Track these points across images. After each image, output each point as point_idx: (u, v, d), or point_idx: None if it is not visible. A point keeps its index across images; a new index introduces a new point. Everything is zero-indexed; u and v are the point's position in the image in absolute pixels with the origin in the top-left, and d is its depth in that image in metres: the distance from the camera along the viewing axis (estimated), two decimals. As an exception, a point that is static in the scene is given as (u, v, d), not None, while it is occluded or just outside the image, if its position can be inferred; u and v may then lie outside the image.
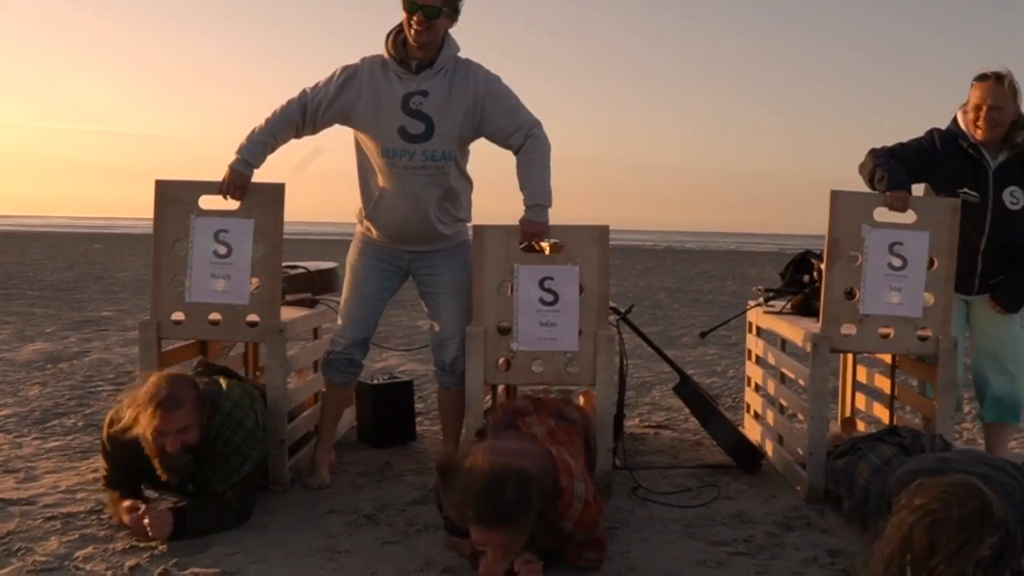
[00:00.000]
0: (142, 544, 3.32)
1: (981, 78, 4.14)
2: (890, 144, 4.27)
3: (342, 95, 4.00)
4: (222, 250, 3.99)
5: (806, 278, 4.72)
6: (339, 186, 4.24)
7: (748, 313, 5.20)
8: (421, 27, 3.84)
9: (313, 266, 5.04)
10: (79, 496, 3.88)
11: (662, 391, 6.48)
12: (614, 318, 4.50)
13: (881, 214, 3.97)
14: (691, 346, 9.13)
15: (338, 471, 4.32)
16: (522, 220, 4.02)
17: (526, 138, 4.01)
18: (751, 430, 5.09)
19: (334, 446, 4.46)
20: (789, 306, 4.74)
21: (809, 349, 3.96)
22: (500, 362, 4.05)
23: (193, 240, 3.98)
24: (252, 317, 4.02)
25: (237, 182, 3.97)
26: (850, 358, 4.97)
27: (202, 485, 3.53)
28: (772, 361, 4.75)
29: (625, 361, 4.58)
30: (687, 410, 4.99)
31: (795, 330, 4.24)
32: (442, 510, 3.19)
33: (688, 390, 4.76)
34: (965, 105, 4.22)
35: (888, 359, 4.56)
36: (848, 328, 3.99)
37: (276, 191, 4.04)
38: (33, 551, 3.28)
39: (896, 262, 3.92)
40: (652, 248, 43.67)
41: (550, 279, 4.00)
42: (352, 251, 4.24)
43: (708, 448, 4.86)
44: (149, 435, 3.34)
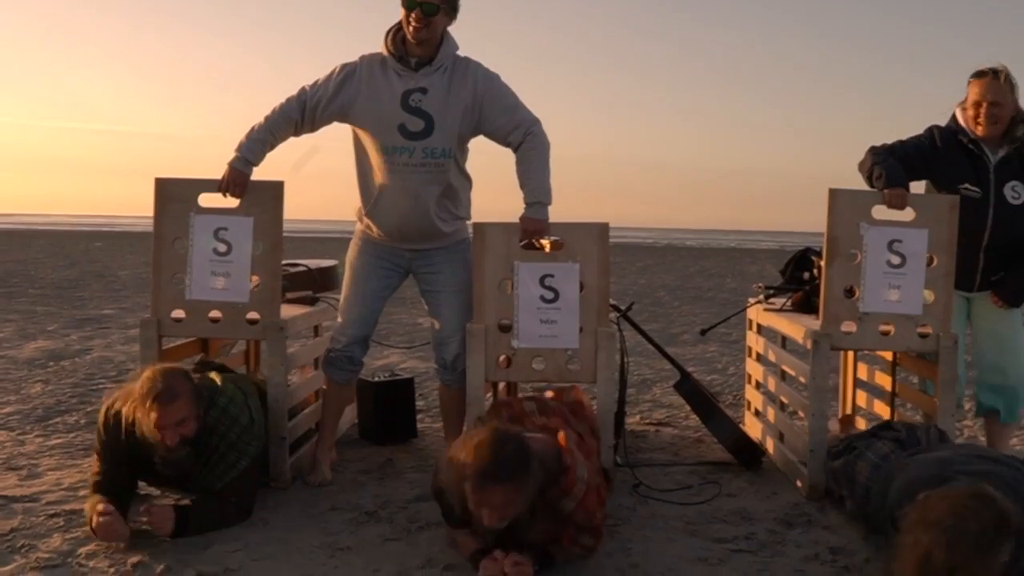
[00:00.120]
0: (141, 542, 3.32)
1: (979, 75, 4.15)
2: (890, 142, 4.27)
3: (341, 93, 4.00)
4: (222, 248, 3.99)
5: (806, 275, 4.72)
6: (339, 184, 4.24)
7: (748, 310, 5.20)
8: (419, 24, 3.85)
9: (313, 264, 5.05)
10: (81, 493, 3.87)
11: (663, 388, 6.49)
12: (614, 315, 4.50)
13: (880, 212, 3.97)
14: (691, 343, 9.14)
15: (339, 468, 4.33)
16: (522, 218, 4.03)
17: (525, 136, 4.02)
18: (752, 427, 5.10)
19: (335, 443, 4.47)
20: (789, 303, 4.74)
21: (809, 346, 3.96)
22: (501, 359, 4.06)
23: (193, 238, 3.99)
24: (252, 315, 4.02)
25: (237, 180, 3.98)
26: (851, 355, 4.97)
27: (200, 482, 3.53)
28: (772, 358, 4.75)
29: (626, 358, 4.58)
30: (688, 407, 4.99)
31: (795, 327, 4.25)
32: (441, 501, 3.16)
33: (689, 387, 4.77)
34: (964, 102, 4.22)
35: (889, 356, 4.56)
36: (848, 326, 3.99)
37: (275, 189, 4.04)
38: (36, 548, 3.28)
39: (895, 260, 3.92)
40: (652, 245, 43.66)
41: (551, 276, 4.00)
42: (352, 249, 4.25)
43: (709, 445, 4.86)
44: (149, 430, 3.34)
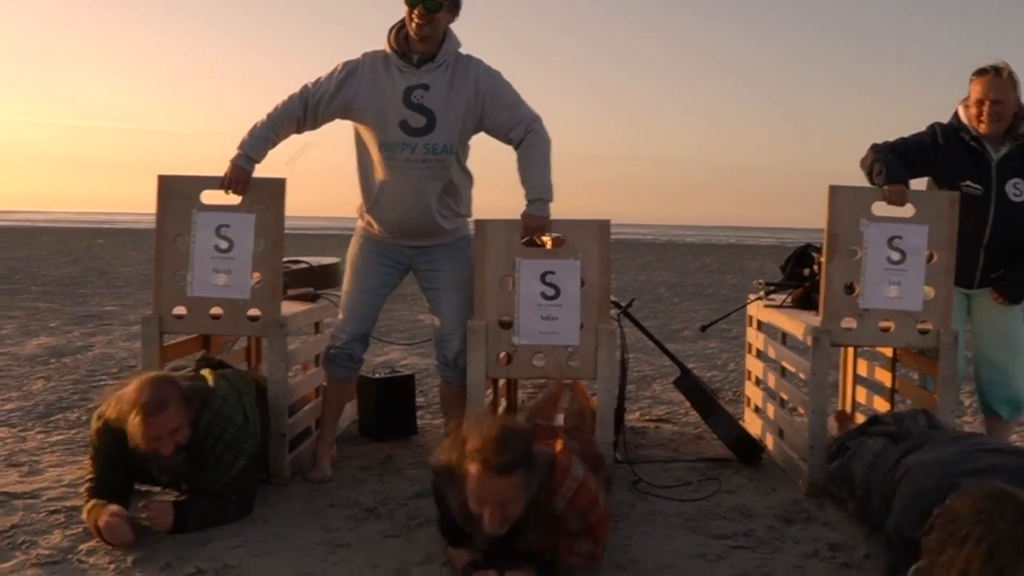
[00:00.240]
0: (141, 538, 3.31)
1: (980, 73, 4.15)
2: (892, 139, 4.27)
3: (343, 90, 4.01)
4: (223, 245, 4.00)
5: (806, 272, 4.71)
6: (340, 181, 4.24)
7: (748, 307, 5.21)
8: (422, 20, 3.86)
9: (315, 261, 5.06)
10: (83, 490, 3.89)
11: (663, 385, 6.49)
12: (615, 312, 4.51)
13: (880, 208, 3.97)
14: (692, 340, 9.14)
15: (339, 465, 4.33)
16: (524, 214, 4.04)
17: (526, 133, 4.02)
18: (751, 424, 5.10)
19: (335, 440, 4.48)
20: (789, 300, 4.74)
21: (810, 343, 3.97)
22: (501, 356, 4.07)
23: (195, 235, 4.00)
24: (253, 311, 4.03)
25: (239, 177, 3.99)
26: (851, 351, 4.97)
27: (199, 484, 3.50)
28: (772, 355, 4.75)
29: (626, 355, 4.59)
30: (688, 404, 5.00)
31: (795, 324, 4.25)
32: (440, 505, 3.13)
33: (689, 384, 4.77)
34: (966, 99, 4.22)
35: (889, 352, 4.56)
36: (848, 322, 3.99)
37: (277, 186, 4.05)
38: (37, 544, 3.29)
39: (895, 256, 3.93)
40: (653, 242, 43.61)
41: (551, 273, 4.01)
42: (352, 246, 4.25)
43: (709, 442, 4.87)
44: (142, 442, 3.29)
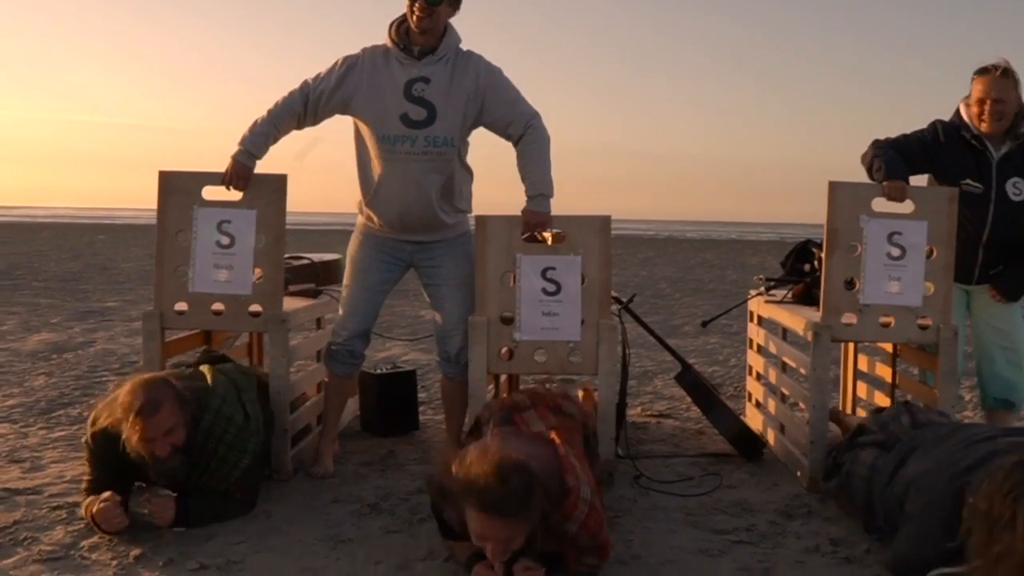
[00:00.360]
0: (143, 534, 3.33)
1: (982, 71, 4.15)
2: (894, 135, 4.28)
3: (344, 84, 4.02)
4: (225, 240, 4.00)
5: (807, 267, 4.72)
6: (342, 177, 4.24)
7: (749, 302, 5.21)
8: (423, 14, 3.87)
9: (317, 257, 5.06)
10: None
11: (664, 380, 6.49)
12: (616, 307, 4.51)
13: (880, 204, 3.98)
14: (693, 335, 9.14)
15: (341, 460, 4.34)
16: (524, 210, 4.04)
17: (526, 129, 4.03)
18: (753, 419, 5.11)
19: (338, 436, 4.48)
20: (790, 295, 4.74)
21: (810, 338, 3.97)
22: (503, 351, 4.07)
23: (196, 230, 4.00)
24: (255, 307, 4.03)
25: (240, 173, 3.99)
26: (851, 347, 4.97)
27: (203, 486, 3.46)
28: (773, 350, 4.76)
29: (627, 350, 4.59)
30: (689, 399, 5.01)
31: (796, 319, 4.25)
32: (437, 512, 3.09)
33: (690, 379, 4.78)
34: (967, 98, 4.22)
35: (889, 348, 4.57)
36: (849, 317, 3.99)
37: (279, 182, 4.05)
38: (39, 540, 3.30)
39: (895, 252, 3.93)
40: (653, 238, 43.61)
41: (552, 269, 4.01)
42: (353, 242, 4.25)
43: (710, 437, 4.88)
44: (137, 444, 3.26)
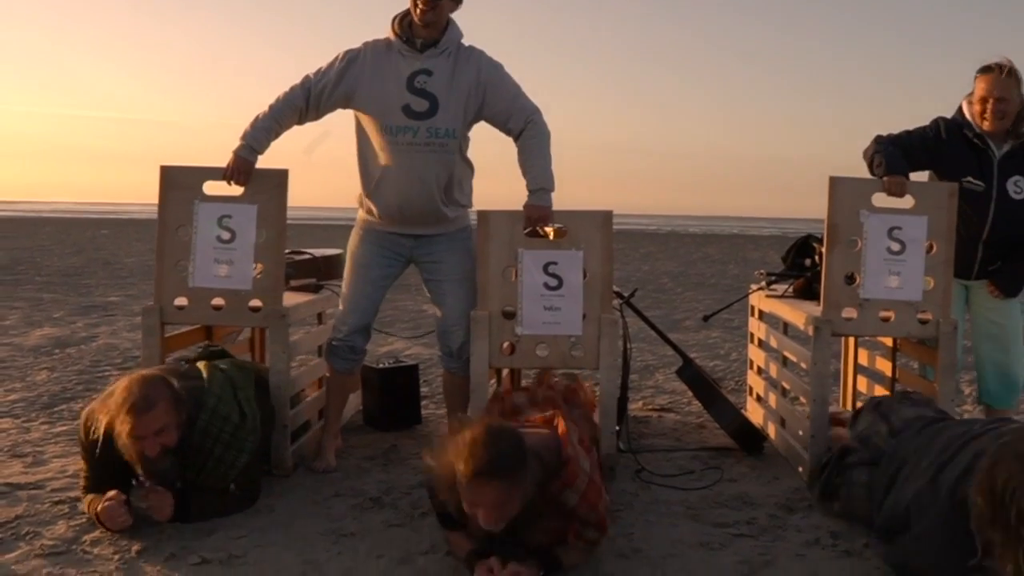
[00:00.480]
0: (145, 529, 3.33)
1: (985, 70, 4.14)
2: (896, 131, 4.28)
3: (345, 78, 4.02)
4: (225, 235, 4.00)
5: (808, 262, 4.72)
6: (345, 171, 4.24)
7: (750, 297, 5.21)
8: (426, 7, 3.89)
9: (318, 252, 5.07)
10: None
11: (665, 374, 6.51)
12: (618, 302, 4.51)
13: (880, 199, 3.98)
14: (694, 329, 9.15)
15: (344, 455, 4.35)
16: (526, 205, 4.05)
17: (526, 123, 4.04)
18: (753, 413, 5.12)
19: (340, 430, 4.49)
20: (791, 290, 4.75)
21: (811, 332, 3.98)
22: (505, 346, 4.08)
23: (197, 225, 4.00)
24: (255, 302, 4.03)
25: (241, 168, 3.99)
26: (852, 341, 4.98)
27: (200, 484, 3.44)
28: (774, 344, 4.77)
29: (628, 345, 4.59)
30: (690, 393, 5.01)
31: (797, 314, 4.26)
32: (434, 501, 3.07)
33: (691, 373, 4.78)
34: (970, 95, 4.22)
35: (889, 342, 4.57)
36: (849, 312, 4.00)
37: (280, 177, 4.05)
38: (41, 535, 3.31)
39: (895, 247, 3.93)
40: (655, 232, 43.62)
41: (554, 264, 4.01)
42: (353, 238, 4.25)
43: (711, 431, 4.89)
44: (127, 440, 3.22)
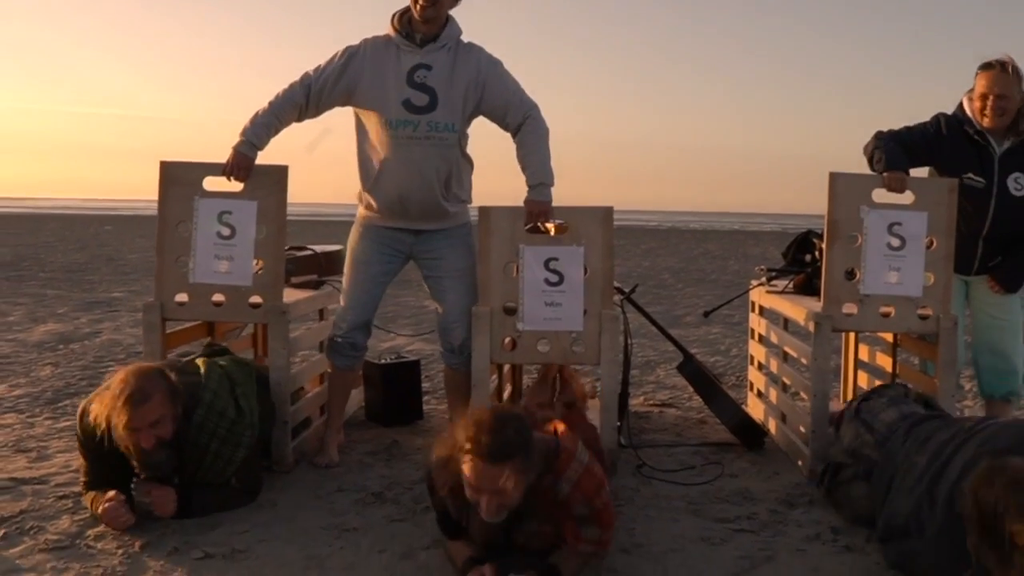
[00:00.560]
0: (149, 523, 3.35)
1: (986, 67, 4.15)
2: (897, 127, 4.28)
3: (346, 74, 4.03)
4: (226, 231, 4.01)
5: (808, 258, 4.72)
6: (347, 168, 4.25)
7: (751, 292, 5.22)
8: (427, 2, 3.91)
9: (320, 248, 5.08)
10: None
11: (666, 370, 6.51)
12: (618, 298, 4.52)
13: (880, 195, 3.98)
14: (695, 325, 9.15)
15: (346, 450, 4.36)
16: (527, 200, 4.06)
17: (524, 118, 4.06)
18: (754, 408, 5.12)
19: (342, 425, 4.50)
20: (791, 285, 4.75)
21: (811, 328, 3.99)
22: (506, 342, 4.08)
23: (197, 221, 4.01)
24: (255, 298, 4.04)
25: (241, 164, 4.00)
26: (852, 336, 4.99)
27: (199, 480, 3.45)
28: (775, 340, 4.77)
29: (629, 340, 4.59)
30: (691, 389, 5.02)
31: (797, 309, 4.26)
32: (435, 501, 3.06)
33: (692, 369, 4.79)
34: (971, 92, 4.22)
35: (889, 338, 4.58)
36: (849, 308, 4.01)
37: (279, 173, 4.06)
38: (45, 530, 3.32)
39: (895, 242, 3.94)
40: (656, 228, 43.57)
41: (555, 260, 4.02)
42: (353, 235, 4.25)
43: (712, 426, 4.89)
44: (122, 432, 3.22)
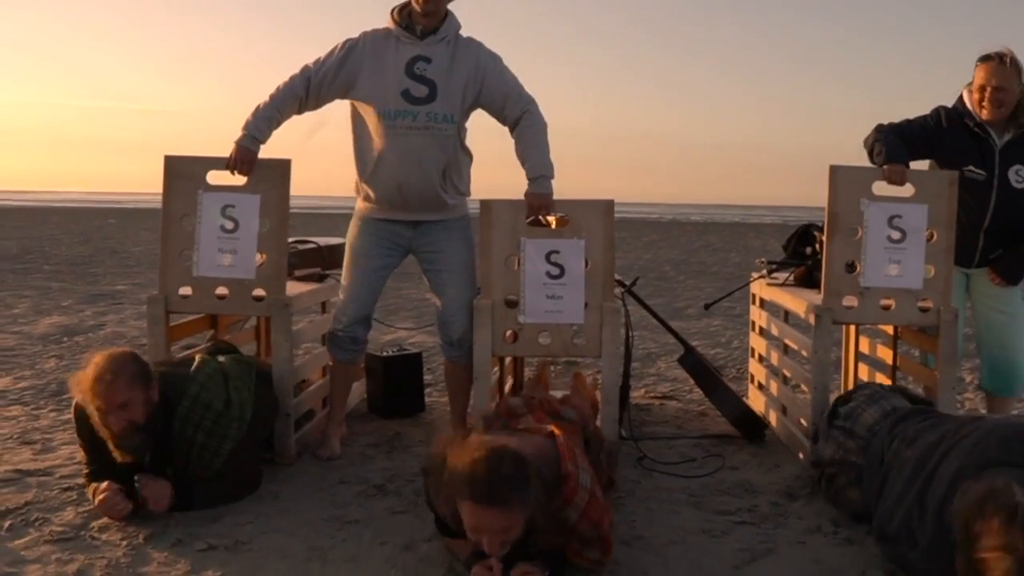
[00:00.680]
0: (152, 516, 3.36)
1: (985, 59, 4.15)
2: (897, 120, 4.29)
3: (345, 66, 4.04)
4: (229, 225, 4.02)
5: (808, 250, 4.73)
6: (349, 160, 4.26)
7: (752, 285, 5.23)
8: None
9: (323, 241, 5.09)
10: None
11: (667, 362, 6.52)
12: (619, 290, 4.53)
13: (880, 188, 3.98)
14: (696, 318, 9.16)
15: (348, 442, 4.37)
16: (527, 193, 4.06)
17: (523, 112, 4.07)
18: (755, 400, 5.14)
19: (344, 418, 4.51)
20: (792, 278, 4.76)
21: (812, 320, 3.99)
22: (507, 334, 4.09)
23: (200, 215, 4.02)
24: (258, 292, 4.05)
25: (244, 157, 4.01)
26: (852, 329, 4.99)
27: (191, 473, 3.45)
28: (775, 332, 4.78)
29: (630, 333, 4.61)
30: (692, 381, 5.03)
31: (798, 302, 4.27)
32: (433, 509, 3.03)
33: (693, 361, 4.80)
34: (970, 84, 4.22)
35: (890, 330, 4.58)
36: (850, 300, 4.01)
37: (282, 167, 4.07)
38: (50, 521, 3.34)
39: (895, 235, 3.94)
40: (657, 220, 43.55)
41: (556, 252, 4.03)
42: (352, 228, 4.26)
43: (713, 418, 4.91)
44: (96, 415, 3.26)
